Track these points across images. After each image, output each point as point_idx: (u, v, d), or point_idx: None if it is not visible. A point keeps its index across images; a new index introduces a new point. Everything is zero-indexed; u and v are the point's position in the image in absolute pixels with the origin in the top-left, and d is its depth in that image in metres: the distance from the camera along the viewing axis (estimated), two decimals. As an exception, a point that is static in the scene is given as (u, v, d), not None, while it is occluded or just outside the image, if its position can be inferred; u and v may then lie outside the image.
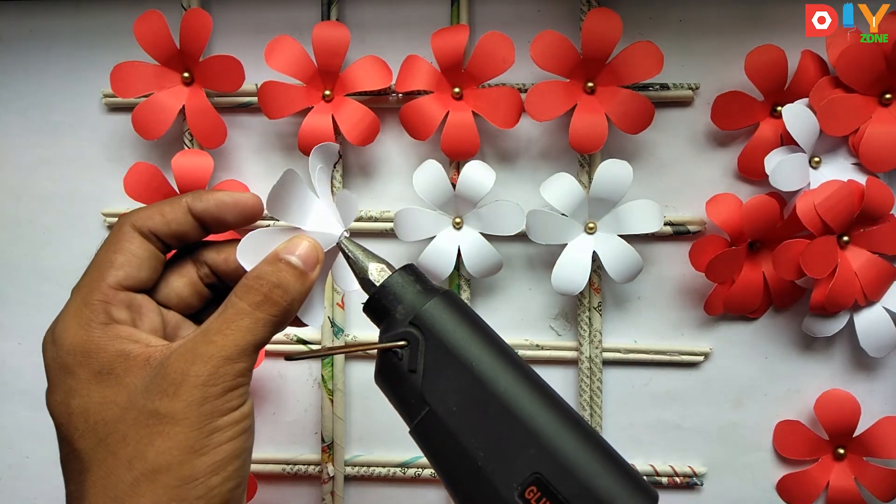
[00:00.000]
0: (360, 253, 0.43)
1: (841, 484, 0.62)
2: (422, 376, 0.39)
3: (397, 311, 0.41)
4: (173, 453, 0.37)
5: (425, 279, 0.42)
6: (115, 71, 0.62)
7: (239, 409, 0.39)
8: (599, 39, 0.58)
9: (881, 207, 0.57)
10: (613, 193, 0.58)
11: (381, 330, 0.41)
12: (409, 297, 0.41)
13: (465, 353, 0.39)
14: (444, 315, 0.40)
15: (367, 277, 0.43)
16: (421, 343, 0.39)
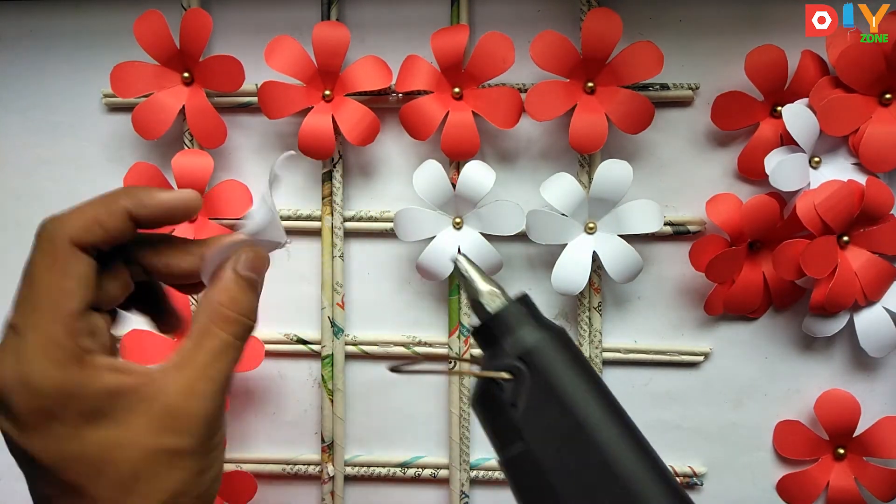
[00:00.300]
0: (475, 274, 0.43)
1: (841, 484, 0.62)
2: (522, 412, 0.38)
3: (507, 342, 0.40)
4: (188, 479, 0.38)
5: (538, 313, 0.42)
6: (116, 71, 0.62)
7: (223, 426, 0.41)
8: (599, 39, 0.58)
9: (881, 207, 0.57)
10: (613, 193, 0.58)
11: (487, 357, 0.41)
12: (520, 331, 0.40)
13: (570, 396, 0.38)
14: (553, 354, 0.39)
15: (479, 301, 0.42)
16: (527, 379, 0.39)
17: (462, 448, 0.64)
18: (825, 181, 0.57)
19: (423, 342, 0.65)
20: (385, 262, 0.65)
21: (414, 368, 0.41)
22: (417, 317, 0.65)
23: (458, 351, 0.63)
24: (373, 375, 0.66)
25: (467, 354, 0.63)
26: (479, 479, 0.65)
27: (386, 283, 0.65)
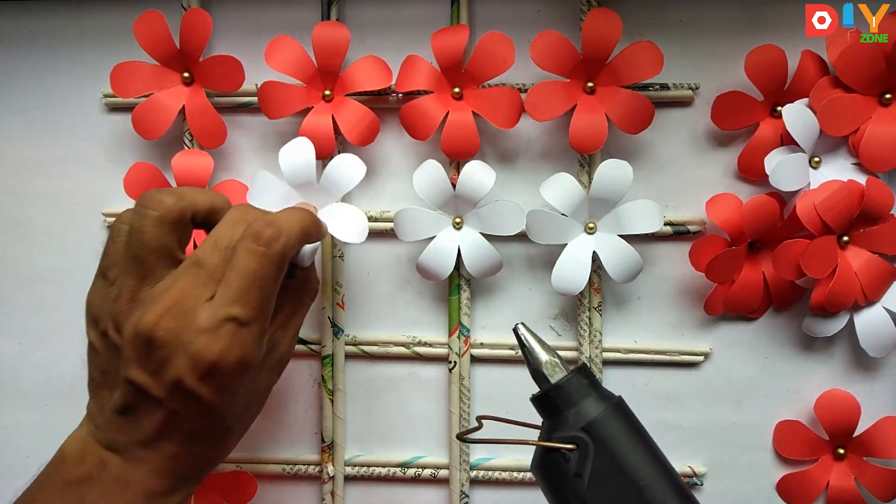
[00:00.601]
0: (536, 344, 0.45)
1: (841, 484, 0.62)
2: (587, 482, 0.40)
3: (570, 413, 0.42)
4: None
5: (598, 384, 0.44)
6: (115, 71, 0.62)
7: None
8: (599, 39, 0.58)
9: (881, 207, 0.57)
10: (613, 193, 0.58)
11: (549, 426, 0.43)
12: (583, 402, 0.42)
13: (633, 468, 0.40)
14: (616, 426, 0.41)
15: (541, 371, 0.44)
16: (591, 451, 0.40)
17: (462, 448, 0.64)
18: (825, 181, 0.57)
19: (424, 342, 0.65)
20: (385, 262, 0.65)
21: (481, 437, 0.45)
22: (417, 317, 0.65)
23: (458, 351, 0.63)
24: (373, 375, 0.66)
25: (467, 355, 0.63)
26: (479, 480, 0.65)
27: (386, 283, 0.65)
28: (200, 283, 0.46)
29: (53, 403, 0.68)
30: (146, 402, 0.46)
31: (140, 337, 0.45)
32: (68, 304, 0.67)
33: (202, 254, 0.47)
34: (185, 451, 0.47)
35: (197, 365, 0.44)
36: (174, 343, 0.44)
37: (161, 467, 0.47)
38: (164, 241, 0.47)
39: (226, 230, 0.48)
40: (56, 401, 0.68)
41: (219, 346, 0.44)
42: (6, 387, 0.68)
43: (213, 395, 0.46)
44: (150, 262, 0.46)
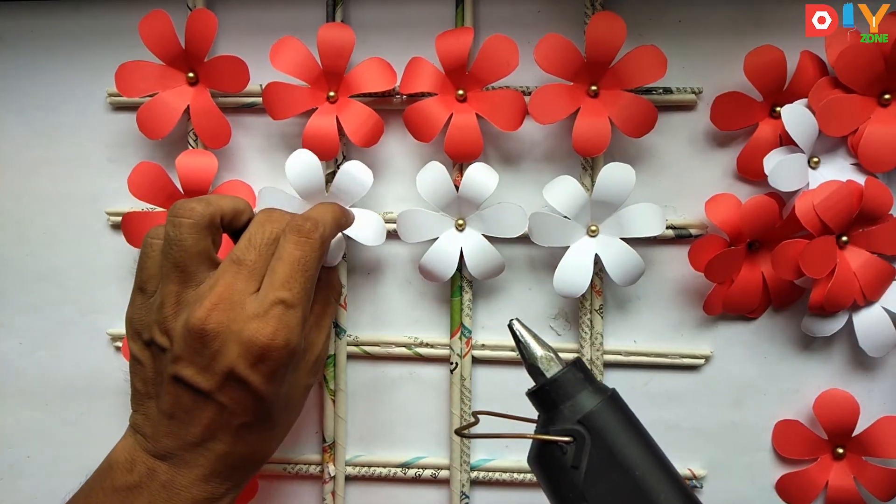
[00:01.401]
0: (531, 339, 0.47)
1: (840, 483, 0.62)
2: (583, 474, 0.41)
3: (566, 406, 0.43)
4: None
5: (592, 377, 0.45)
6: (120, 70, 0.62)
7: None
8: (603, 43, 0.58)
9: (880, 207, 0.58)
10: (616, 196, 0.59)
11: (545, 420, 0.44)
12: (578, 396, 0.43)
13: (629, 458, 0.41)
14: (610, 418, 0.42)
15: (536, 366, 0.45)
16: (588, 443, 0.41)
17: (463, 449, 0.64)
18: (824, 181, 0.58)
19: (425, 343, 0.65)
20: (387, 263, 0.65)
21: (479, 432, 0.47)
22: (419, 318, 0.65)
23: (459, 352, 0.64)
24: (374, 376, 0.66)
25: (469, 356, 0.64)
26: (480, 480, 0.65)
27: (388, 284, 0.65)
28: (243, 279, 0.49)
29: (53, 403, 0.67)
30: (195, 399, 0.48)
31: (192, 333, 0.47)
32: (69, 304, 0.67)
33: (240, 252, 0.50)
34: (233, 449, 0.50)
35: (249, 350, 0.47)
36: (226, 333, 0.47)
37: (209, 469, 0.49)
38: (202, 246, 0.50)
39: (257, 230, 0.51)
40: (56, 401, 0.67)
41: (269, 329, 0.48)
42: (6, 387, 0.68)
43: (262, 383, 0.48)
44: (192, 266, 0.49)
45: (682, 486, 0.42)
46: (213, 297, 0.48)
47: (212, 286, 0.49)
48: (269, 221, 0.52)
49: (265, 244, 0.51)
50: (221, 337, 0.47)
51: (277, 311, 0.48)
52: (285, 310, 0.48)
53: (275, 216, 0.53)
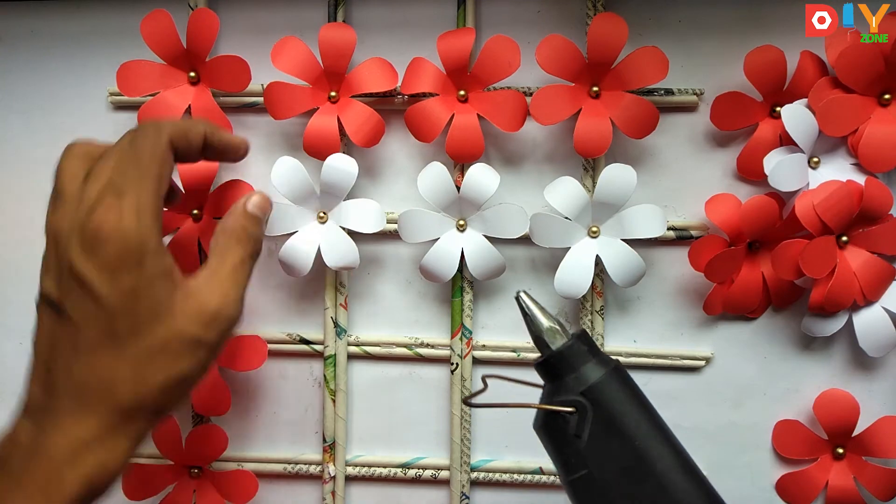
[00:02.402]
0: (537, 311, 0.47)
1: (840, 483, 0.62)
2: (586, 442, 0.43)
3: (570, 377, 0.44)
4: (198, 367, 0.47)
5: (597, 349, 0.46)
6: (122, 70, 0.62)
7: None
8: (605, 44, 0.58)
9: (880, 207, 0.58)
10: (617, 198, 0.59)
11: (550, 390, 0.45)
12: (582, 368, 0.44)
13: (630, 429, 0.42)
14: (613, 390, 0.43)
15: (542, 338, 0.46)
16: (590, 413, 0.43)
17: (463, 449, 0.64)
18: (824, 181, 0.58)
19: (426, 343, 0.65)
20: (388, 264, 0.65)
21: (485, 401, 0.47)
22: (420, 318, 0.65)
23: (460, 353, 0.64)
24: (374, 376, 0.66)
25: (469, 356, 0.64)
26: (480, 481, 0.65)
27: (389, 284, 0.66)
28: (90, 181, 0.47)
29: (53, 403, 0.67)
30: (52, 319, 0.47)
31: (48, 240, 0.48)
32: (69, 305, 0.67)
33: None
34: (80, 376, 0.45)
35: (83, 238, 0.45)
36: (68, 230, 0.46)
37: (66, 411, 0.45)
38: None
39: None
40: (55, 401, 0.67)
41: (98, 214, 0.45)
42: (6, 387, 0.67)
43: (97, 275, 0.45)
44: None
45: (682, 457, 0.43)
46: (61, 201, 0.48)
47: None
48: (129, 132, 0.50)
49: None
50: (64, 234, 0.46)
51: (108, 199, 0.45)
52: (115, 197, 0.45)
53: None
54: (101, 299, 0.45)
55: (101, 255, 0.45)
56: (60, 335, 0.46)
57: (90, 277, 0.45)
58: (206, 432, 0.64)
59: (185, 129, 0.51)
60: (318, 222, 0.62)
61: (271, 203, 0.56)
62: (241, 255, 0.51)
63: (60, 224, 0.47)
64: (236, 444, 0.67)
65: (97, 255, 0.45)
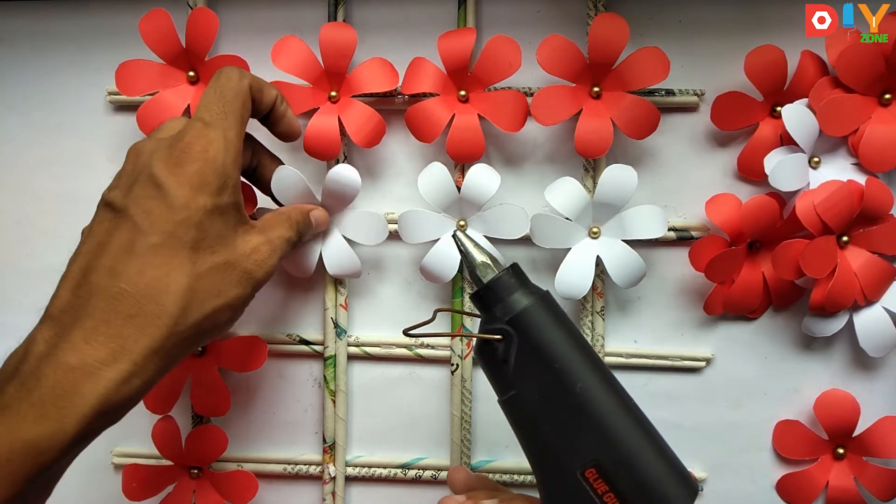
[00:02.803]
0: (471, 247, 0.49)
1: (840, 483, 0.62)
2: (512, 366, 0.45)
3: (497, 308, 0.47)
4: (239, 299, 0.50)
5: (526, 281, 0.48)
6: (121, 69, 0.62)
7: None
8: (606, 45, 0.58)
9: (881, 207, 0.58)
10: (618, 198, 0.59)
11: (484, 321, 0.48)
12: (508, 298, 0.46)
13: (550, 352, 0.45)
14: (536, 317, 0.46)
15: (475, 272, 0.49)
16: (514, 340, 0.45)
17: (463, 450, 0.64)
18: (825, 181, 0.58)
19: (426, 344, 0.65)
20: (388, 264, 0.65)
21: (424, 331, 0.49)
22: (420, 318, 0.65)
23: (460, 353, 0.64)
24: (375, 376, 0.66)
25: (469, 357, 0.64)
26: (480, 482, 0.65)
27: (389, 284, 0.65)
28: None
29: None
30: (102, 223, 0.48)
31: (127, 158, 0.51)
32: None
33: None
34: (134, 272, 0.45)
35: (170, 152, 0.48)
36: (151, 149, 0.50)
37: (96, 308, 0.44)
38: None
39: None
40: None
41: (186, 137, 0.49)
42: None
43: (177, 185, 0.47)
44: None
45: (603, 376, 0.45)
46: (153, 133, 0.53)
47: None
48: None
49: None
50: (147, 151, 0.49)
51: (197, 127, 0.49)
52: (203, 126, 0.49)
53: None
54: (175, 208, 0.47)
55: (186, 170, 0.47)
56: (116, 237, 0.46)
57: (169, 185, 0.47)
58: (205, 433, 0.64)
59: (263, 84, 0.55)
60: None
61: (327, 225, 0.61)
62: (287, 235, 0.54)
63: (145, 145, 0.50)
64: (236, 444, 0.66)
65: (181, 170, 0.47)
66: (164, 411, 0.63)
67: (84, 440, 0.44)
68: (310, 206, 0.59)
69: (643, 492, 0.43)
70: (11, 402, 0.42)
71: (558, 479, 0.45)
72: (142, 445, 0.67)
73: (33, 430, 0.41)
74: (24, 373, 0.43)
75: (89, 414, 0.42)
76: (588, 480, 0.44)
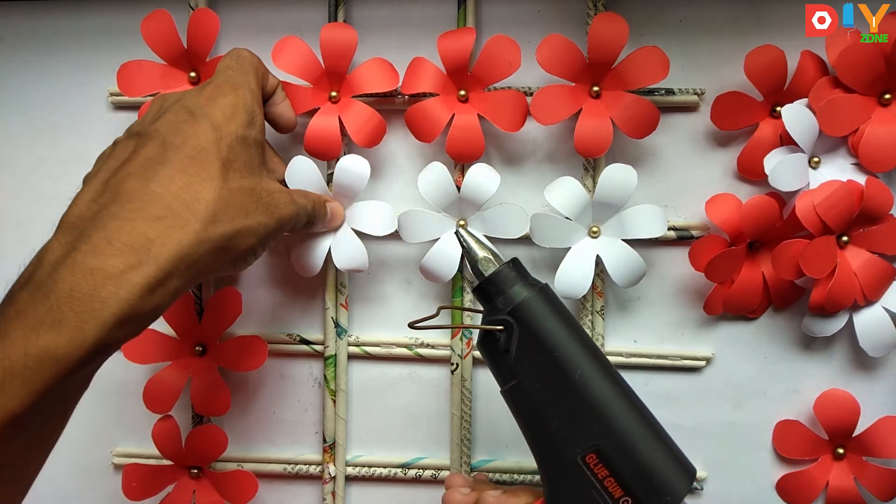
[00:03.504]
0: (474, 243, 0.51)
1: (840, 483, 0.62)
2: (513, 356, 0.47)
3: (499, 300, 0.48)
4: (262, 232, 0.49)
5: (526, 274, 0.50)
6: (123, 70, 0.62)
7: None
8: (606, 44, 0.58)
9: (880, 207, 0.58)
10: (618, 198, 0.59)
11: (486, 312, 0.49)
12: (509, 290, 0.48)
13: (550, 342, 0.46)
14: (536, 308, 0.47)
15: (477, 266, 0.50)
16: (515, 330, 0.47)
17: (463, 450, 0.64)
18: (824, 181, 0.58)
19: (426, 344, 0.65)
20: (389, 264, 0.65)
21: (429, 324, 0.50)
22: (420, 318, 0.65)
23: (460, 353, 0.64)
24: (374, 376, 0.66)
25: (469, 357, 0.64)
26: (480, 481, 0.65)
27: (389, 284, 0.66)
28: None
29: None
30: (126, 145, 0.48)
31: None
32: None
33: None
34: (163, 183, 0.44)
35: (203, 89, 0.51)
36: (181, 94, 0.51)
37: (121, 211, 0.43)
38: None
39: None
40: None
41: (219, 83, 0.51)
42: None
43: (211, 110, 0.49)
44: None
45: (601, 364, 0.46)
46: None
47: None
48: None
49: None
50: (175, 95, 0.51)
51: (221, 75, 0.52)
52: (227, 77, 0.52)
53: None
54: (208, 129, 0.47)
55: (219, 102, 0.49)
56: (145, 151, 0.46)
57: (203, 111, 0.48)
58: (205, 432, 0.64)
59: (266, 70, 0.57)
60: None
61: (340, 221, 0.61)
62: (302, 202, 0.54)
63: (170, 95, 0.51)
64: (236, 444, 0.67)
65: (213, 102, 0.49)
66: (164, 411, 0.63)
67: (104, 351, 0.41)
68: (328, 197, 0.60)
69: (643, 475, 0.44)
70: (25, 306, 0.39)
71: (560, 466, 0.46)
72: (142, 445, 0.67)
73: (49, 335, 0.38)
74: (37, 278, 0.40)
75: (110, 321, 0.40)
76: (588, 466, 0.45)
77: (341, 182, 0.60)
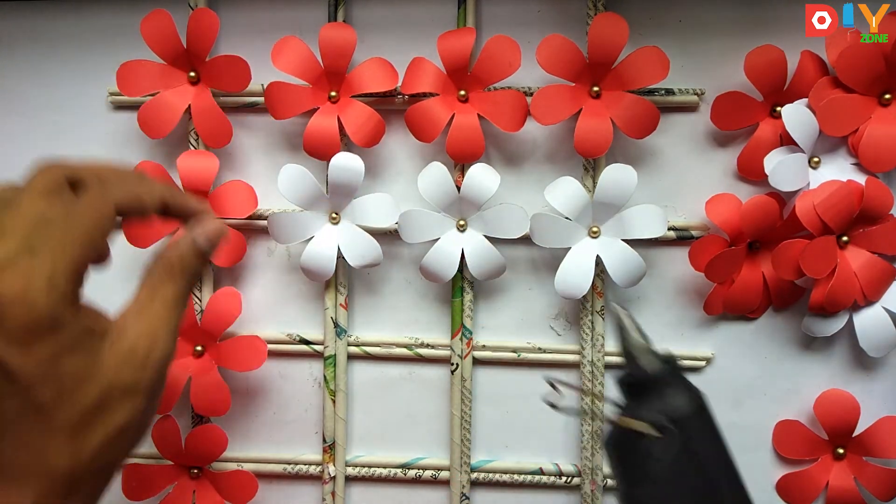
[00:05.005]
0: (634, 332, 0.48)
1: (840, 483, 0.62)
2: (664, 464, 0.43)
3: (656, 400, 0.45)
4: (136, 415, 0.42)
5: (685, 377, 0.47)
6: (122, 69, 0.62)
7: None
8: (606, 44, 0.58)
9: (880, 207, 0.58)
10: (618, 198, 0.59)
11: (632, 406, 0.46)
12: (672, 393, 0.45)
13: (706, 461, 0.44)
14: (698, 421, 0.44)
15: (633, 355, 0.47)
16: (678, 440, 0.43)
17: (463, 450, 0.64)
18: (824, 181, 0.58)
19: (426, 344, 0.65)
20: (388, 264, 0.65)
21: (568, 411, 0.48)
22: (420, 318, 0.65)
23: (460, 353, 0.64)
24: (374, 376, 0.66)
25: (469, 357, 0.64)
26: (480, 481, 0.65)
27: (389, 284, 0.65)
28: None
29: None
30: None
31: None
32: (69, 305, 0.67)
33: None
34: (10, 449, 0.40)
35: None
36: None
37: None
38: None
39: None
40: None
41: (1, 283, 0.38)
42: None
43: (3, 348, 0.38)
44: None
45: (745, 494, 0.45)
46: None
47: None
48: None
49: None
50: None
51: (19, 260, 0.39)
52: (29, 258, 0.39)
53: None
54: (13, 374, 0.39)
55: (8, 325, 0.38)
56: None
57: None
58: (205, 432, 0.64)
59: (138, 194, 0.45)
60: (331, 223, 0.62)
61: (228, 232, 0.50)
62: (174, 291, 0.45)
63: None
64: (236, 444, 0.67)
65: (4, 326, 0.38)
66: (164, 411, 0.63)
67: None
68: (193, 234, 0.47)
69: None
70: None
71: None
72: (142, 445, 0.67)
73: None
74: None
75: None
76: None
77: (336, 180, 0.60)
